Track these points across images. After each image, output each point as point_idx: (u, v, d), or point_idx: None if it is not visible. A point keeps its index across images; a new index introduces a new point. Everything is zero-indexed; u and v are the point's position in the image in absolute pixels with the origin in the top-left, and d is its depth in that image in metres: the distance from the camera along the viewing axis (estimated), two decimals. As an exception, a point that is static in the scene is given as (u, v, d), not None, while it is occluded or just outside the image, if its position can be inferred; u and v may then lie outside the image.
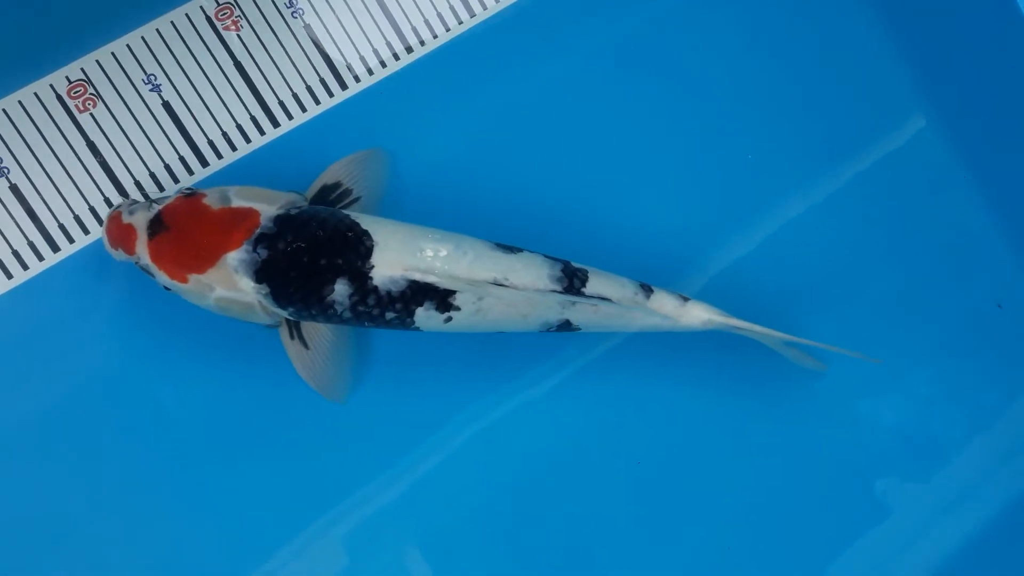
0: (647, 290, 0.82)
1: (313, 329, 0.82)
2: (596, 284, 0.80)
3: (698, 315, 0.82)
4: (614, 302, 0.80)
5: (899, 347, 0.94)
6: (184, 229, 0.76)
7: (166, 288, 0.78)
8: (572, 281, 0.80)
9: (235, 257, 0.76)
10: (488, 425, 0.89)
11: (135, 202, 0.79)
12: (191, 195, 0.78)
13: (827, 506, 0.92)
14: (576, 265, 0.81)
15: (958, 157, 0.97)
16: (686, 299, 0.83)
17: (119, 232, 0.77)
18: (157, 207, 0.77)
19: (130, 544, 0.84)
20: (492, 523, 0.88)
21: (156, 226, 0.77)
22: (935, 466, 0.94)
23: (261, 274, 0.76)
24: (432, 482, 0.88)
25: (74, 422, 0.84)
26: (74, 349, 0.84)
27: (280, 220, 0.77)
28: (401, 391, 0.88)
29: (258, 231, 0.76)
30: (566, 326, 0.81)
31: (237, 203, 0.77)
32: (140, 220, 0.77)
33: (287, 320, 0.81)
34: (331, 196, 0.82)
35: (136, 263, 0.78)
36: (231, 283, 0.76)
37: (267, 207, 0.77)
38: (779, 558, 0.91)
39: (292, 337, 0.81)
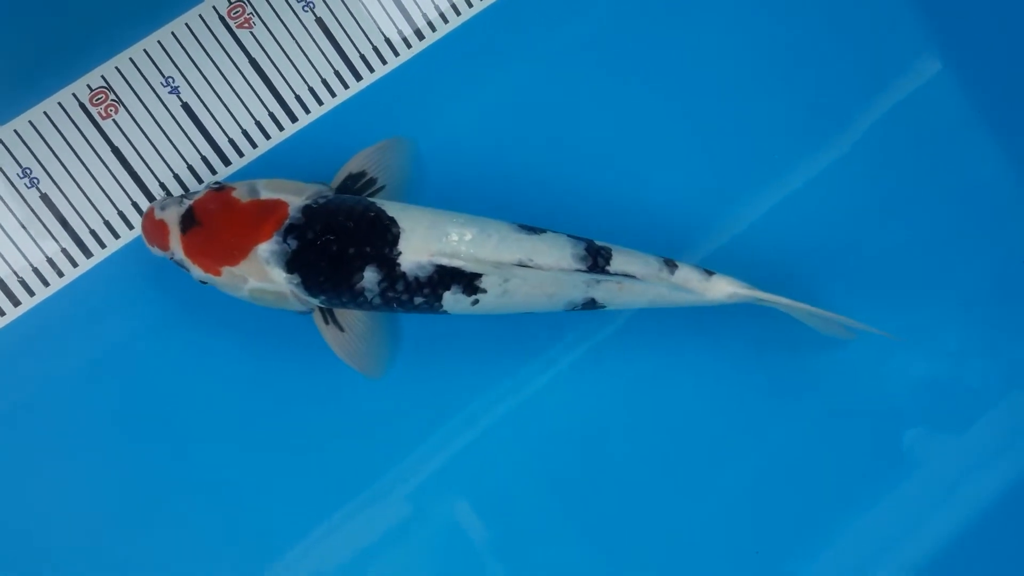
0: (671, 265, 0.82)
1: (346, 312, 0.83)
2: (620, 261, 0.81)
3: (723, 288, 0.82)
4: (639, 279, 0.81)
5: (926, 302, 0.94)
6: (216, 223, 0.77)
7: (201, 282, 0.79)
8: (596, 259, 0.80)
9: (266, 248, 0.77)
10: (530, 389, 0.90)
11: (167, 198, 0.80)
12: (221, 189, 0.79)
13: (860, 459, 0.93)
14: (599, 243, 0.81)
15: (974, 103, 0.96)
16: (711, 273, 0.83)
17: (152, 228, 0.78)
18: (188, 202, 0.78)
19: (186, 511, 0.86)
20: (542, 480, 0.90)
21: (188, 221, 0.78)
22: (967, 419, 0.94)
23: (292, 264, 0.77)
24: (479, 446, 0.89)
25: (115, 424, 0.85)
26: (113, 350, 0.85)
27: (308, 210, 0.78)
28: (436, 361, 0.89)
29: (287, 222, 0.77)
30: (591, 304, 0.81)
31: (266, 195, 0.78)
32: (172, 216, 0.78)
33: (319, 307, 0.82)
34: (356, 185, 0.83)
35: (171, 258, 0.79)
36: (263, 274, 0.77)
37: (295, 198, 0.78)
38: (812, 511, 0.92)
39: (327, 322, 0.82)
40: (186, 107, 0.87)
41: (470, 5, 0.92)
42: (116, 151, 0.85)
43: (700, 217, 0.92)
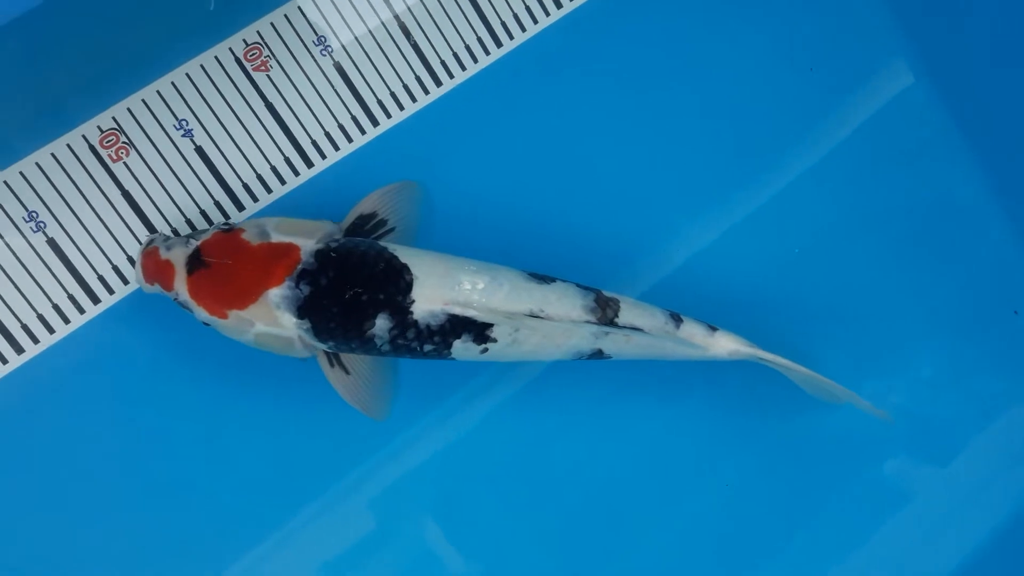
0: (677, 319, 0.80)
1: (352, 355, 0.78)
2: (628, 314, 0.78)
3: (725, 345, 0.81)
4: (646, 332, 0.78)
5: (898, 333, 0.92)
6: (224, 266, 0.73)
7: (205, 323, 0.74)
8: (605, 311, 0.77)
9: (277, 294, 0.72)
10: (504, 399, 0.87)
11: (169, 237, 0.75)
12: (229, 230, 0.74)
13: (842, 496, 0.90)
14: (608, 294, 0.79)
15: (951, 118, 0.93)
16: (714, 329, 0.81)
17: (156, 268, 0.74)
18: (195, 243, 0.74)
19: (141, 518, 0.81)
20: (507, 495, 0.86)
21: (195, 262, 0.73)
22: (947, 452, 0.92)
23: (303, 310, 0.72)
24: (447, 456, 0.86)
25: (125, 471, 0.81)
26: (119, 398, 0.81)
27: (321, 255, 0.73)
28: (413, 367, 0.85)
29: (300, 267, 0.73)
30: (598, 355, 0.78)
31: (276, 238, 0.74)
32: (178, 256, 0.73)
33: (325, 351, 0.77)
34: (367, 226, 0.79)
35: (174, 299, 0.74)
36: (272, 319, 0.73)
37: (306, 241, 0.74)
38: (794, 547, 0.89)
39: (332, 365, 0.78)
40: (199, 151, 0.82)
41: (487, 53, 0.88)
42: (127, 195, 0.80)
43: (699, 257, 0.91)
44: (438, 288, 0.74)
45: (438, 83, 0.87)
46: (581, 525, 0.87)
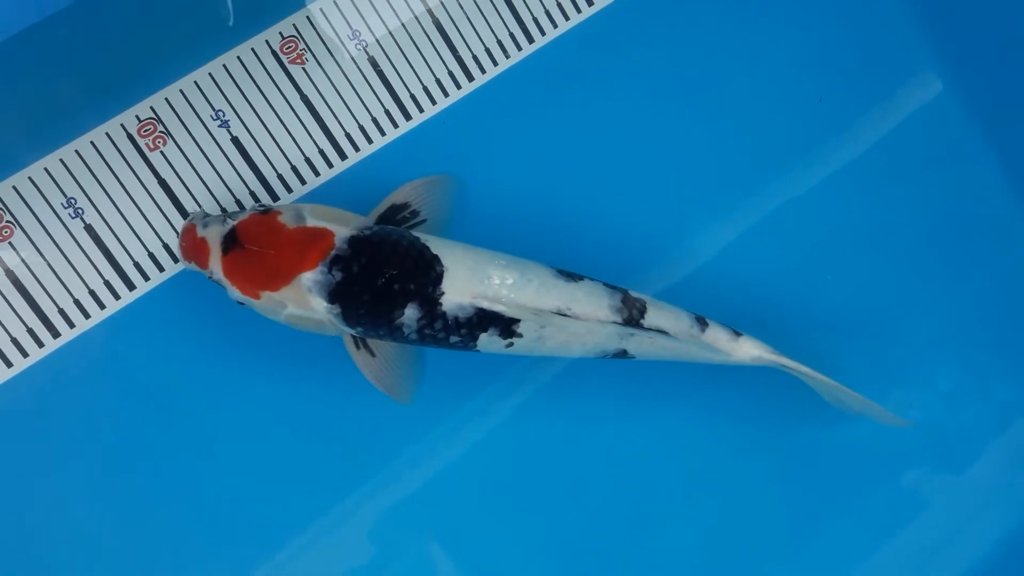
0: (702, 323, 0.78)
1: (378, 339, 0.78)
2: (654, 316, 0.76)
3: (749, 351, 0.79)
4: (671, 335, 0.76)
5: (919, 342, 0.90)
6: (259, 247, 0.72)
7: (238, 303, 0.74)
8: (632, 312, 0.76)
9: (310, 278, 0.71)
10: (507, 417, 0.85)
11: (207, 215, 0.74)
12: (266, 212, 0.73)
13: (857, 505, 0.88)
14: (634, 295, 0.77)
15: (978, 127, 0.91)
16: (739, 334, 0.79)
17: (192, 246, 0.73)
18: (231, 222, 0.73)
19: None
20: (511, 514, 0.85)
21: (230, 242, 0.72)
22: (964, 461, 0.90)
23: (334, 295, 0.72)
24: (451, 474, 0.84)
25: (156, 459, 0.80)
26: (153, 386, 0.80)
27: (354, 242, 0.72)
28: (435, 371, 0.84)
29: (333, 252, 0.72)
30: (622, 355, 0.77)
31: (312, 222, 0.73)
32: (214, 235, 0.73)
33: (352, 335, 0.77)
34: (398, 216, 0.78)
35: (209, 277, 0.74)
36: (304, 302, 0.72)
37: (341, 228, 0.73)
38: (813, 554, 0.87)
39: (358, 347, 0.77)
40: (236, 141, 0.81)
41: (519, 48, 0.87)
42: (163, 183, 0.80)
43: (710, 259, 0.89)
44: (468, 281, 0.73)
45: (470, 78, 0.86)
46: (600, 524, 0.86)
